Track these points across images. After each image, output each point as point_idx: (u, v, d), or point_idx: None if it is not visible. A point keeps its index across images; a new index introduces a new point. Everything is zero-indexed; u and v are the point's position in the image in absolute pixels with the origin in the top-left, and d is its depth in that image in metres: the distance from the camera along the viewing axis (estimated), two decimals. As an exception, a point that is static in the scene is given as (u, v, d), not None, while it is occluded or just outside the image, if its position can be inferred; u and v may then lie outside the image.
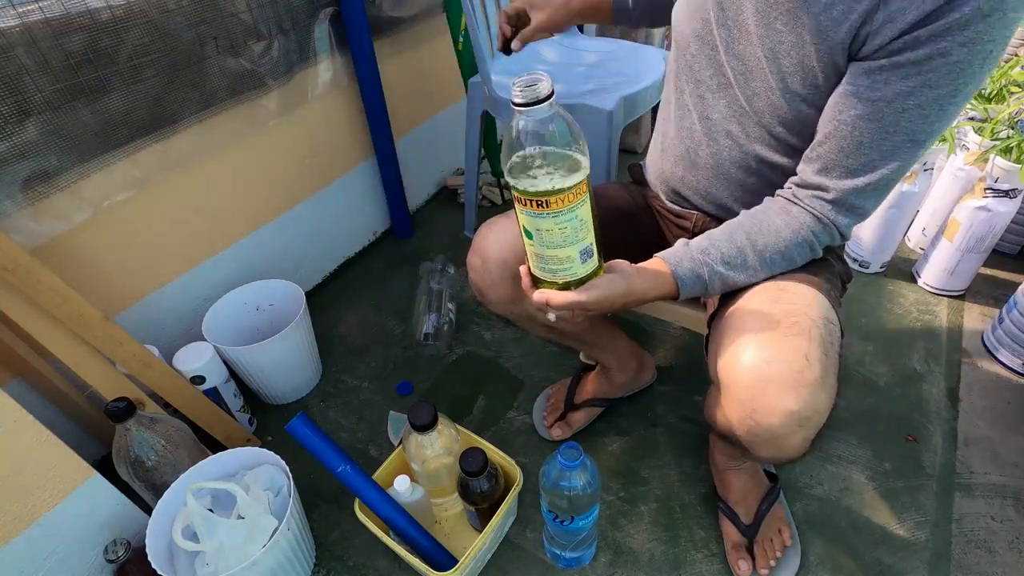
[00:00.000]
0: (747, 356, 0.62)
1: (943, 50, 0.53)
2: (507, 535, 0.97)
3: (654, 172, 0.90)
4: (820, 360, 0.60)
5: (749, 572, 0.89)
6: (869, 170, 0.62)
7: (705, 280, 0.67)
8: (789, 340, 0.61)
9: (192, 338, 1.08)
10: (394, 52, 1.48)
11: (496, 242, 0.80)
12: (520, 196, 0.56)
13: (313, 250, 1.48)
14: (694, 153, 0.79)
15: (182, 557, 0.84)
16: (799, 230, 0.67)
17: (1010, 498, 0.98)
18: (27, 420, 0.72)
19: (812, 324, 0.62)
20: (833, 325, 0.65)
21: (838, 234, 0.68)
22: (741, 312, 0.67)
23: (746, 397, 0.63)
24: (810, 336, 0.61)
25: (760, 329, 0.63)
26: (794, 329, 0.61)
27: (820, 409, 0.61)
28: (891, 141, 0.60)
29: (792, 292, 0.67)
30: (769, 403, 0.61)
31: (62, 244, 0.95)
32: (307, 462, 1.06)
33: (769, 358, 0.61)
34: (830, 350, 0.62)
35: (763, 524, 0.92)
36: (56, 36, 0.85)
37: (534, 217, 0.57)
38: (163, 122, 1.02)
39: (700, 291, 0.69)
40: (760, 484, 0.95)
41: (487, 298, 0.84)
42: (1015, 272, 1.44)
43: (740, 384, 0.63)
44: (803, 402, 0.60)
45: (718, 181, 0.78)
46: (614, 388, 1.11)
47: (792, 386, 0.59)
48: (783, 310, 0.64)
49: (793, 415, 0.60)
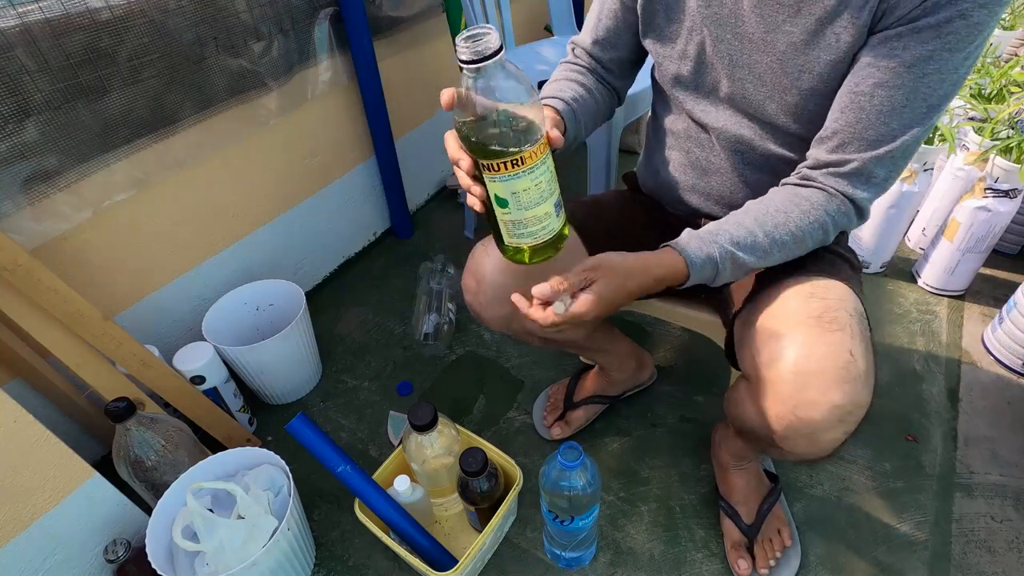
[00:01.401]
0: (791, 352, 0.62)
1: (963, 11, 0.53)
2: (507, 535, 0.97)
3: (655, 181, 0.88)
4: (864, 355, 0.61)
5: (749, 571, 0.89)
6: (889, 140, 0.60)
7: (716, 259, 0.63)
8: (833, 335, 0.61)
9: (192, 338, 1.08)
10: (394, 52, 1.48)
11: (491, 263, 0.79)
12: (491, 162, 0.53)
13: (313, 250, 1.48)
14: (705, 160, 0.79)
15: (182, 557, 0.83)
16: (810, 211, 0.64)
17: (1010, 498, 0.98)
18: (27, 420, 0.72)
19: (851, 319, 0.63)
20: (866, 320, 0.66)
21: (854, 212, 0.65)
22: (777, 309, 0.67)
23: (788, 392, 0.62)
24: (852, 331, 0.62)
25: (801, 325, 0.63)
26: (835, 324, 0.62)
27: (862, 403, 0.61)
28: (911, 107, 0.59)
29: (824, 288, 0.67)
30: (812, 397, 0.61)
31: (62, 244, 0.95)
32: (307, 462, 1.06)
33: (812, 354, 0.61)
34: (869, 346, 0.63)
35: (764, 524, 0.92)
36: (56, 36, 0.85)
37: (509, 180, 0.54)
38: (163, 122, 1.02)
39: (711, 273, 0.63)
40: (762, 484, 0.95)
41: (483, 318, 0.84)
42: (1015, 272, 1.44)
43: (784, 379, 0.63)
44: (848, 396, 0.60)
45: (733, 185, 0.78)
46: (613, 386, 1.11)
47: (837, 381, 0.60)
48: (820, 306, 0.64)
49: (836, 409, 0.60)
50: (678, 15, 0.72)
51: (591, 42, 0.82)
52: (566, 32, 1.59)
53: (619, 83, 0.86)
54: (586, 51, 0.84)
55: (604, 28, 0.80)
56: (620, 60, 0.83)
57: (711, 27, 0.69)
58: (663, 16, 0.74)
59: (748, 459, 0.94)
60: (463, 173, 0.58)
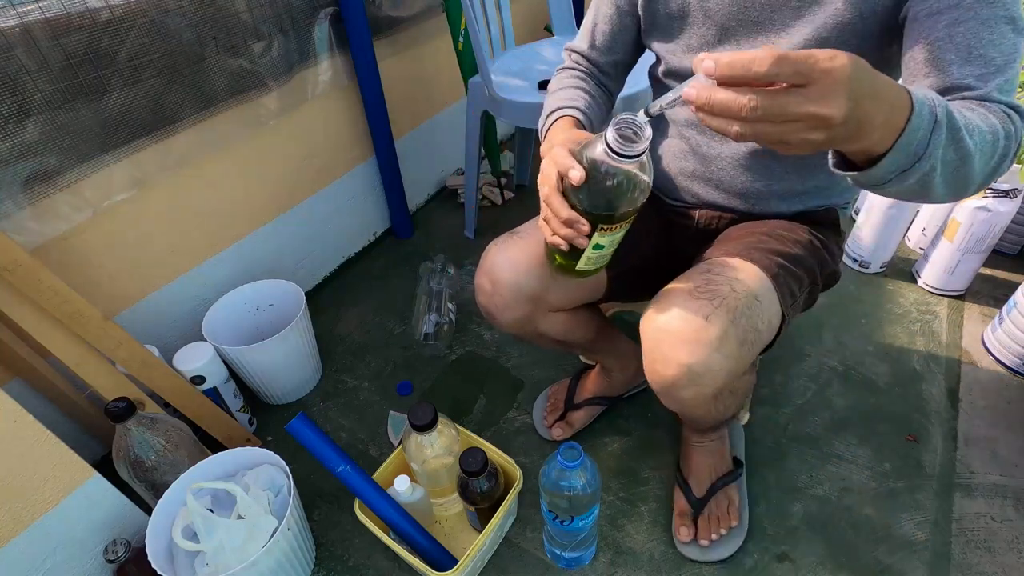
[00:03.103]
0: (656, 313, 0.67)
1: None
2: (507, 535, 0.97)
3: (655, 172, 0.89)
4: (721, 323, 0.63)
5: (689, 539, 0.92)
6: (994, 71, 0.55)
7: (935, 107, 0.46)
8: (697, 303, 0.64)
9: (192, 338, 1.08)
10: (394, 52, 1.48)
11: (508, 264, 0.79)
12: (614, 225, 0.59)
13: (313, 250, 1.48)
14: (706, 145, 0.79)
15: (182, 557, 0.83)
16: (988, 116, 0.53)
17: (1010, 498, 0.98)
18: (27, 420, 0.72)
19: (729, 293, 0.65)
20: (759, 303, 0.66)
21: (1017, 116, 0.55)
22: (677, 279, 0.70)
23: (648, 347, 0.68)
24: (721, 303, 0.64)
25: (678, 291, 0.67)
26: (707, 295, 0.65)
27: (714, 368, 0.64)
28: (992, 30, 0.55)
29: (730, 267, 0.69)
30: (665, 352, 0.65)
31: (62, 244, 0.95)
32: (307, 462, 1.06)
33: (672, 315, 0.65)
34: (739, 320, 0.64)
35: (712, 500, 0.94)
36: (56, 36, 0.85)
37: (616, 234, 0.61)
38: (163, 122, 1.02)
39: (927, 124, 0.46)
40: (721, 464, 0.97)
41: (498, 321, 0.84)
42: (1015, 272, 1.44)
43: (647, 335, 0.68)
44: (695, 358, 0.63)
45: (734, 170, 0.78)
46: (614, 387, 1.11)
47: (685, 341, 0.63)
48: (707, 278, 0.67)
49: (685, 368, 0.64)
50: (680, 10, 0.73)
51: (588, 47, 0.85)
52: (566, 32, 1.59)
53: (615, 86, 0.89)
54: (584, 56, 0.86)
55: (601, 32, 0.83)
56: (617, 63, 0.86)
57: (716, 17, 0.70)
58: (664, 15, 0.75)
59: (710, 438, 0.96)
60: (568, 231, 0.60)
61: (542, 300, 0.81)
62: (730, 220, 0.84)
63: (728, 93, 0.41)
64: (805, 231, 0.79)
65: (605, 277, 0.85)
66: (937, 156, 0.47)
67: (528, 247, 0.79)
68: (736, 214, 0.83)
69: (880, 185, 0.49)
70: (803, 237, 0.77)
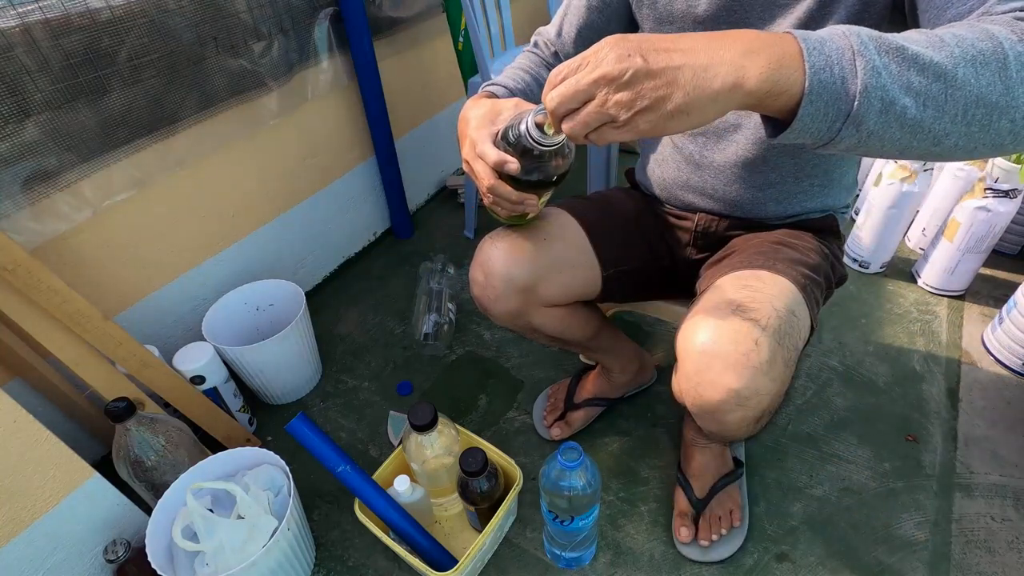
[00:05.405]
0: (700, 332, 0.64)
1: None
2: (507, 535, 0.97)
3: (649, 179, 0.90)
4: (770, 347, 0.62)
5: (690, 539, 0.91)
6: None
7: (847, 33, 0.43)
8: (744, 323, 0.63)
9: (192, 338, 1.08)
10: (394, 52, 1.48)
11: (500, 256, 0.79)
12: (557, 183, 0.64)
13: (313, 250, 1.48)
14: (698, 155, 0.79)
15: (182, 557, 0.83)
16: (975, 24, 0.47)
17: (1010, 498, 0.98)
18: (27, 420, 0.72)
19: (772, 312, 0.63)
20: (797, 319, 0.66)
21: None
22: (710, 293, 0.69)
23: (693, 370, 0.65)
24: (766, 323, 0.63)
25: (719, 309, 0.65)
26: (752, 314, 0.63)
27: (762, 392, 0.63)
28: None
29: (763, 280, 0.68)
30: (711, 378, 0.63)
31: (62, 244, 0.95)
32: (307, 462, 1.06)
33: (719, 337, 0.63)
34: (784, 340, 0.63)
35: (713, 500, 0.94)
36: (56, 36, 0.85)
37: (559, 185, 0.65)
38: (163, 122, 1.02)
39: (836, 46, 0.42)
40: (722, 465, 0.97)
41: (491, 312, 0.84)
42: (1015, 272, 1.44)
43: (690, 358, 0.65)
44: (744, 382, 0.61)
45: (726, 179, 0.79)
46: (614, 388, 1.11)
47: (734, 365, 0.62)
48: (747, 295, 0.65)
49: (733, 393, 0.62)
50: (668, 16, 0.74)
51: (555, 35, 0.86)
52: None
53: None
54: (548, 43, 0.87)
55: (569, 24, 0.84)
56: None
57: (706, 23, 0.70)
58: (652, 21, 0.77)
59: (708, 438, 0.95)
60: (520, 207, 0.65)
61: (533, 292, 0.80)
62: (728, 225, 0.84)
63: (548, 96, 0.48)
64: (812, 238, 0.79)
65: (599, 276, 0.85)
66: (885, 83, 0.41)
67: (520, 239, 0.79)
68: (733, 219, 0.83)
69: (838, 138, 0.44)
70: (814, 244, 0.78)
